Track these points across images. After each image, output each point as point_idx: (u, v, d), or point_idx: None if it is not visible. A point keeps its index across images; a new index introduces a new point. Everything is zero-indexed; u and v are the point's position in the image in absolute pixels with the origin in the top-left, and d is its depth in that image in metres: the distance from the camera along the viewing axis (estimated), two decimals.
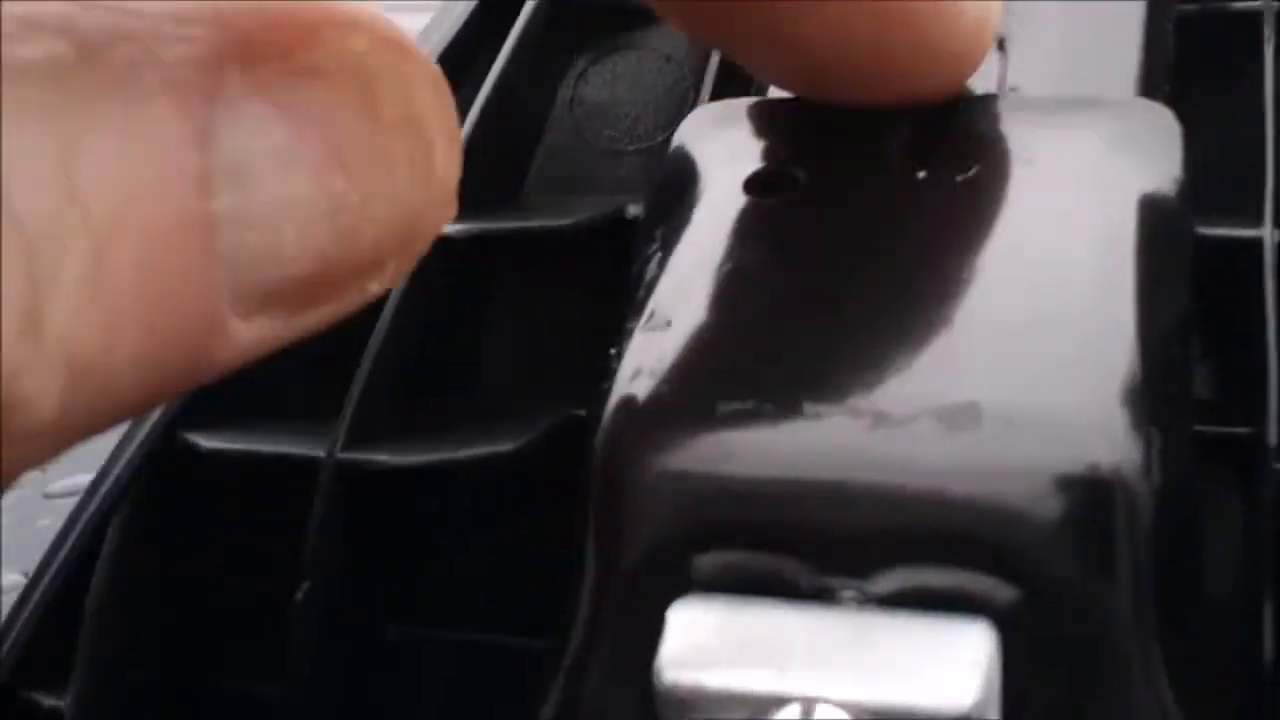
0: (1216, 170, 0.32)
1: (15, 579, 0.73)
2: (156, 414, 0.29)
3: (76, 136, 0.14)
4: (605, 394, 0.22)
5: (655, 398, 0.22)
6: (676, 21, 0.23)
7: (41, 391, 0.14)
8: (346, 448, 0.27)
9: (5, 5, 0.14)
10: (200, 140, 0.15)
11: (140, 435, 0.29)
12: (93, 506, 0.30)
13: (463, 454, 0.27)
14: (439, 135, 0.17)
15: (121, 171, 0.14)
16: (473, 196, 0.31)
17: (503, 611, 0.30)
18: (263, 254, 0.16)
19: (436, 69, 0.17)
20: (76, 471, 0.77)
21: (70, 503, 0.76)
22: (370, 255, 0.17)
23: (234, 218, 0.15)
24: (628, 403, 0.22)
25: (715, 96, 0.33)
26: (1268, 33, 0.31)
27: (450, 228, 0.29)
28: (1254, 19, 0.32)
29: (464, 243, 0.30)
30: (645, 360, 0.22)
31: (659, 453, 0.21)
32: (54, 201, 0.13)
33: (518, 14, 0.33)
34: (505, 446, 0.28)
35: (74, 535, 0.30)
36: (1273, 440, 0.26)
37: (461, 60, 0.33)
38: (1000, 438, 0.20)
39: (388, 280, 0.17)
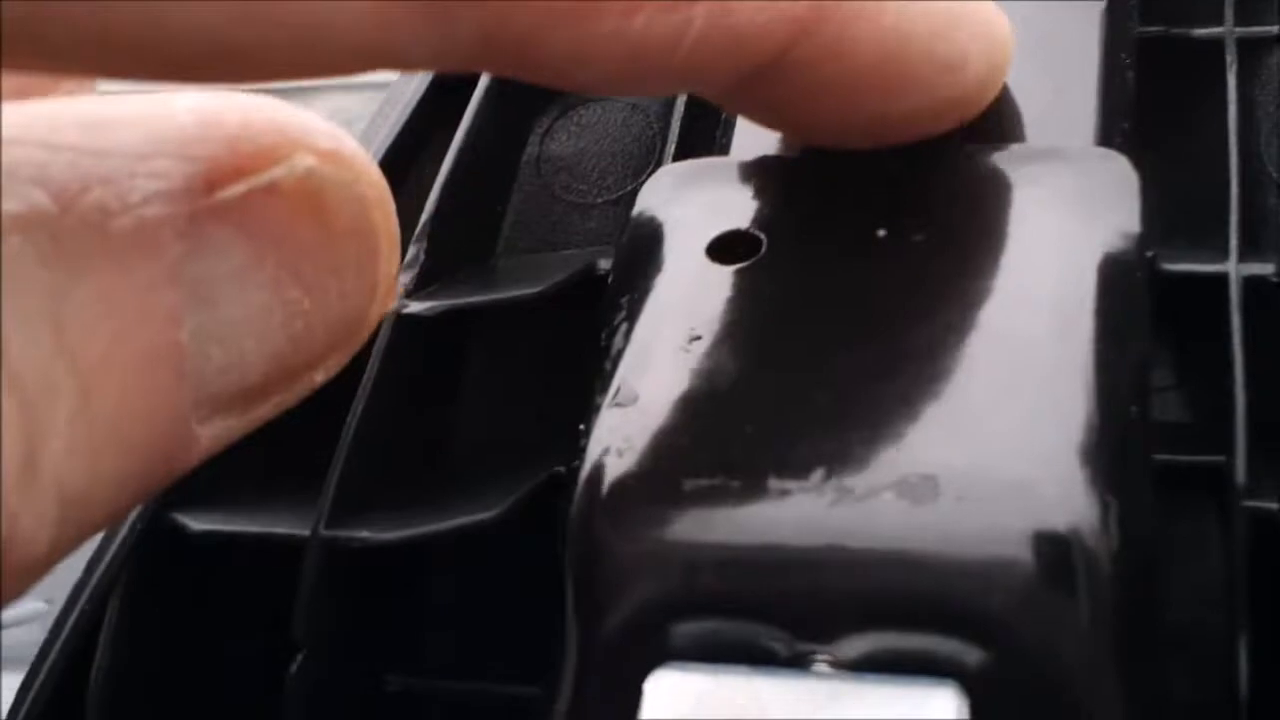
0: (1182, 200, 0.32)
1: (38, 606, 0.74)
2: None
3: (63, 292, 0.14)
4: (576, 472, 0.23)
5: (624, 476, 0.22)
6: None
7: (38, 528, 0.14)
8: (330, 525, 0.28)
9: None
10: (170, 275, 0.15)
11: (131, 516, 0.30)
12: (90, 587, 0.30)
13: (444, 525, 0.28)
14: (383, 237, 0.18)
15: (103, 316, 0.15)
16: (444, 266, 0.32)
17: (498, 662, 0.30)
18: (225, 366, 0.16)
19: (379, 173, 0.18)
20: None
21: None
22: (321, 352, 0.17)
23: (200, 337, 0.16)
24: (597, 482, 0.22)
25: (681, 143, 0.34)
26: (1230, 60, 0.31)
27: (420, 305, 0.30)
28: (1216, 46, 0.32)
29: (434, 320, 0.30)
30: (613, 439, 0.22)
31: (630, 530, 0.22)
32: (46, 355, 0.14)
33: (473, 85, 0.33)
34: (486, 514, 0.28)
35: (73, 616, 0.30)
36: (1240, 478, 0.26)
37: (419, 134, 0.33)
38: (960, 507, 0.20)
39: (332, 370, 0.18)
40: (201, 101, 0.16)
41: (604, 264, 0.31)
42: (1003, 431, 0.21)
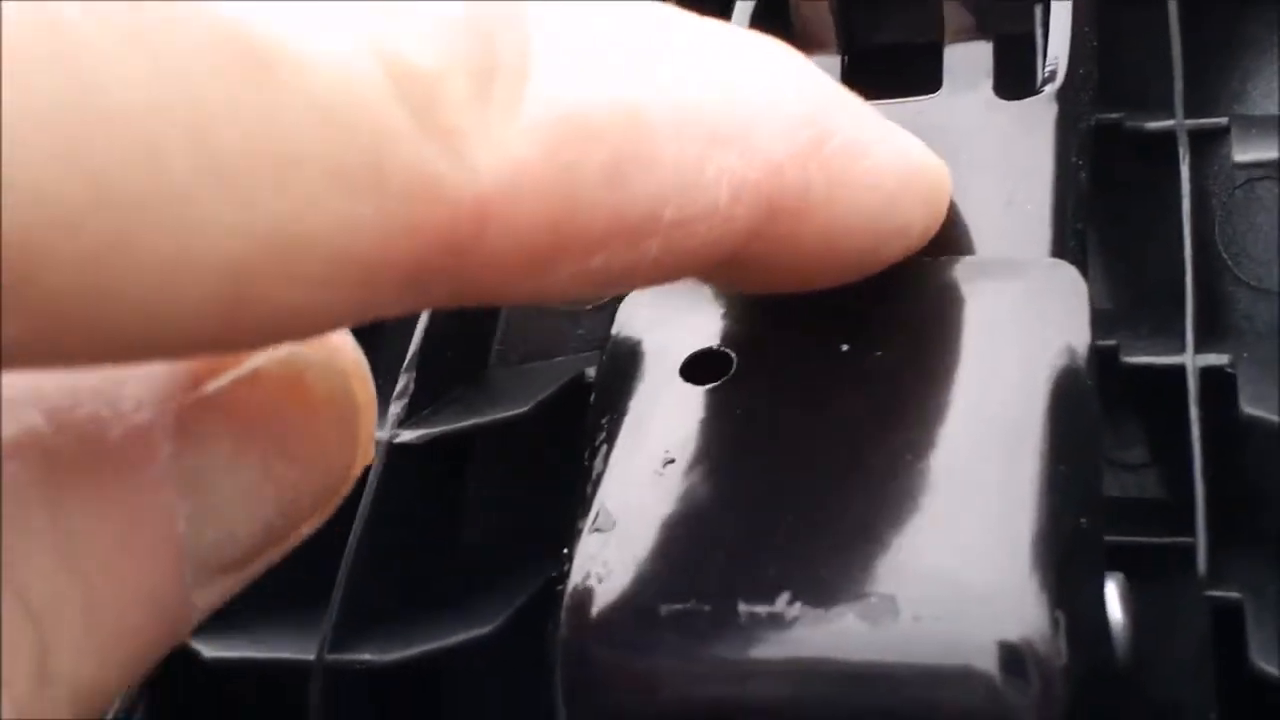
0: (1143, 288, 0.33)
1: None
2: None
3: (61, 507, 0.15)
4: (560, 595, 0.24)
5: (605, 602, 0.23)
6: None
7: None
8: (333, 649, 0.29)
9: None
10: (165, 473, 0.16)
11: None
12: (111, 713, 0.31)
13: (444, 643, 0.29)
14: (362, 405, 0.18)
15: (102, 524, 0.15)
16: (435, 389, 0.33)
17: None
18: (220, 541, 0.17)
19: (354, 344, 0.19)
20: None
21: None
22: (307, 512, 0.18)
23: (194, 522, 0.17)
24: (581, 607, 0.23)
25: None
26: (1182, 151, 0.32)
27: (411, 434, 0.31)
28: (1169, 138, 0.33)
29: (426, 447, 0.31)
30: (593, 564, 0.24)
31: (612, 654, 0.23)
32: (50, 568, 0.15)
33: None
34: (484, 629, 0.29)
35: None
36: (1202, 569, 0.27)
37: None
38: (917, 626, 0.21)
39: (316, 523, 0.19)
40: None
41: (591, 372, 0.32)
42: (957, 549, 0.22)
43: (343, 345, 0.18)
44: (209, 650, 0.30)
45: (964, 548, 0.22)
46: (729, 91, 0.19)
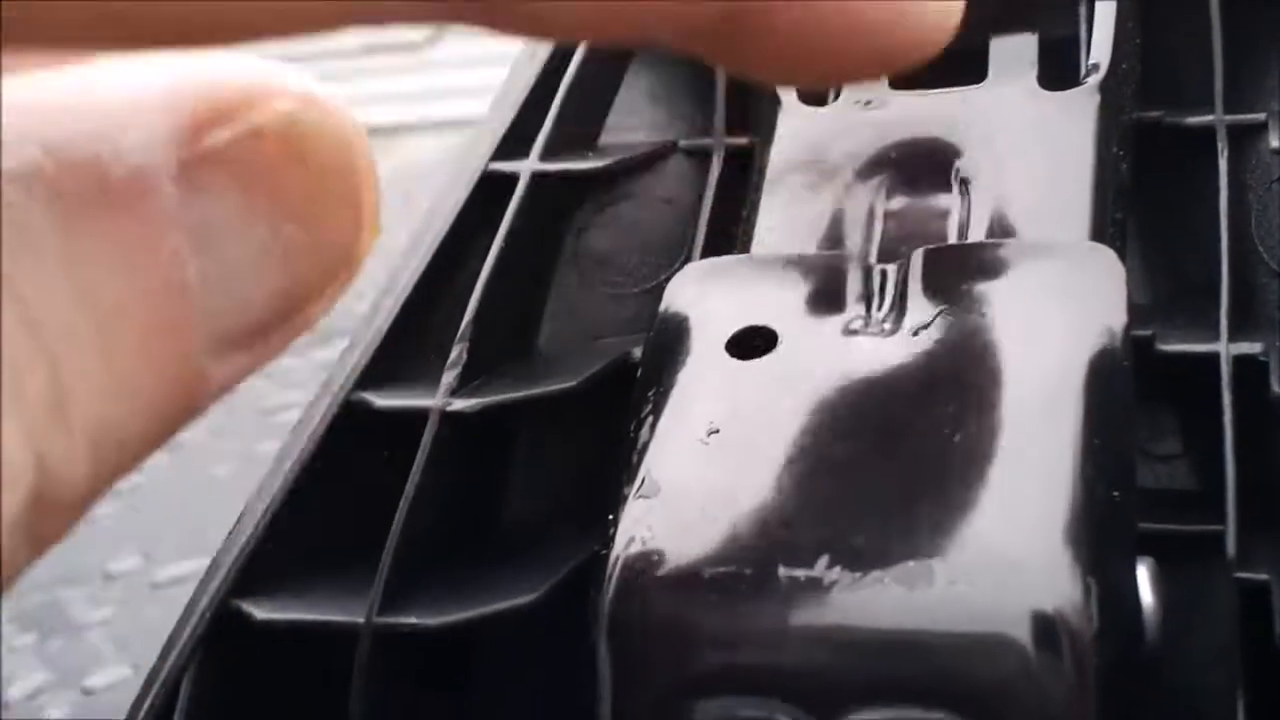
0: (1181, 279, 0.34)
1: (124, 672, 0.76)
2: (214, 584, 0.32)
3: (71, 237, 0.15)
4: (605, 560, 0.24)
5: (649, 566, 0.24)
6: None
7: (71, 467, 0.15)
8: (381, 612, 0.30)
9: None
10: (170, 218, 0.16)
11: (201, 605, 0.32)
12: (165, 670, 0.32)
13: (488, 609, 0.30)
14: (363, 171, 0.19)
15: (112, 258, 0.15)
16: (486, 362, 0.34)
17: None
18: (232, 305, 0.17)
19: (352, 116, 0.19)
20: (180, 560, 0.79)
21: (175, 591, 0.78)
22: (318, 285, 0.19)
23: (206, 278, 0.17)
24: (625, 570, 0.24)
25: (709, 235, 0.36)
26: (1221, 146, 0.33)
27: (463, 403, 0.32)
28: (1208, 133, 0.33)
29: (477, 416, 0.32)
30: (638, 529, 0.24)
31: (655, 616, 0.24)
32: (63, 299, 0.15)
33: (514, 188, 0.35)
34: (527, 598, 0.30)
35: (149, 698, 0.32)
36: (1231, 551, 0.27)
37: (465, 234, 0.35)
38: (952, 591, 0.22)
39: (328, 303, 0.19)
40: (180, 58, 0.17)
41: (637, 353, 0.33)
42: (993, 519, 0.23)
43: (342, 111, 0.19)
44: (260, 613, 0.31)
45: (1000, 517, 0.23)
46: None
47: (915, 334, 0.26)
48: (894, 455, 0.24)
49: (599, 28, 0.18)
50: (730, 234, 0.33)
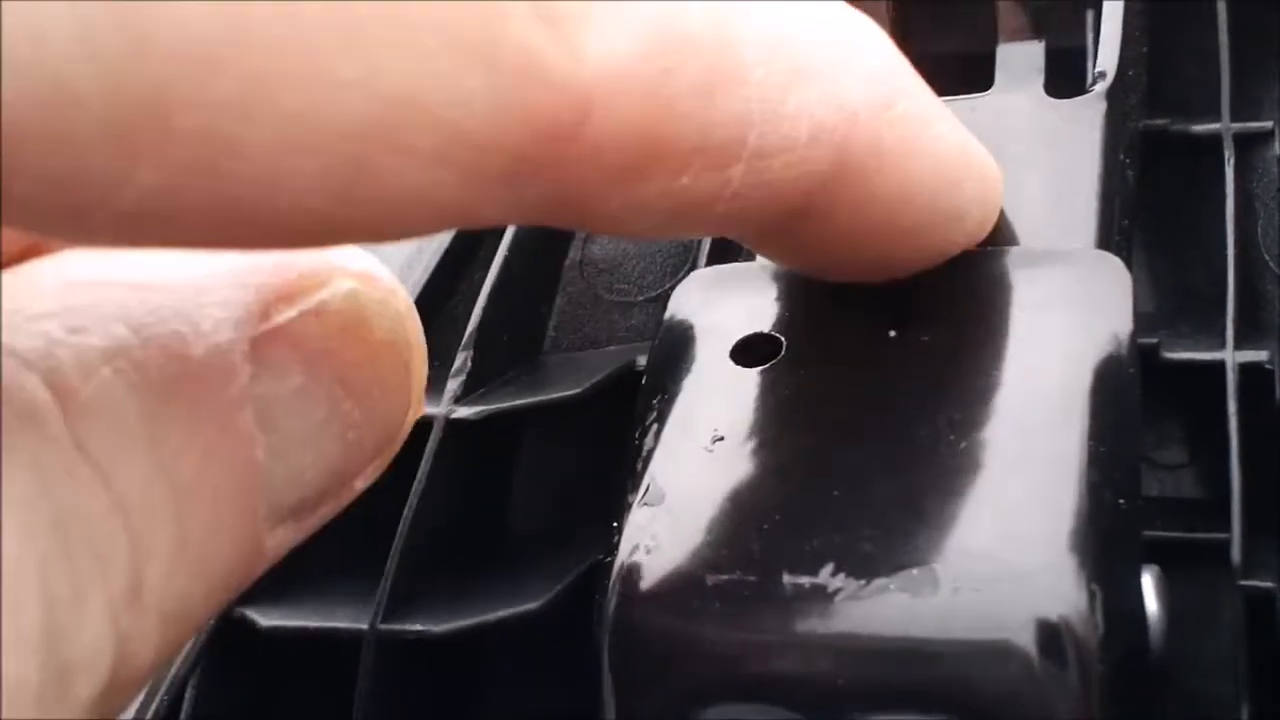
0: (1187, 286, 0.33)
1: None
2: None
3: (153, 416, 0.16)
4: (609, 568, 0.24)
5: (653, 573, 0.24)
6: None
7: (143, 647, 0.15)
8: (385, 620, 0.30)
9: (62, 297, 0.16)
10: (244, 396, 0.17)
11: None
12: (169, 678, 0.32)
13: (493, 616, 0.30)
14: (415, 348, 0.19)
15: (192, 436, 0.16)
16: (491, 369, 0.34)
17: None
18: (290, 479, 0.18)
19: (405, 292, 0.19)
20: None
21: None
22: (368, 460, 0.19)
23: (271, 454, 0.17)
24: (629, 578, 0.24)
25: (714, 243, 0.35)
26: (1227, 154, 0.33)
27: (468, 410, 0.32)
28: (1214, 141, 0.33)
29: (481, 423, 0.32)
30: (642, 536, 0.24)
31: (659, 623, 0.24)
32: (146, 477, 0.15)
33: None
34: (532, 605, 0.30)
35: (154, 704, 0.32)
36: (1237, 558, 0.27)
37: (469, 242, 0.36)
38: (957, 598, 0.22)
39: (371, 476, 0.19)
40: None
41: (642, 360, 0.33)
42: (998, 526, 0.23)
43: (398, 290, 0.19)
44: (265, 619, 0.31)
45: (1005, 524, 0.23)
46: (814, 32, 0.20)
47: (920, 341, 0.26)
48: (898, 462, 0.24)
49: (675, 230, 0.19)
50: (734, 249, 0.33)
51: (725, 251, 0.35)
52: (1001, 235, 0.28)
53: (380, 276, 0.19)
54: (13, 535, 0.14)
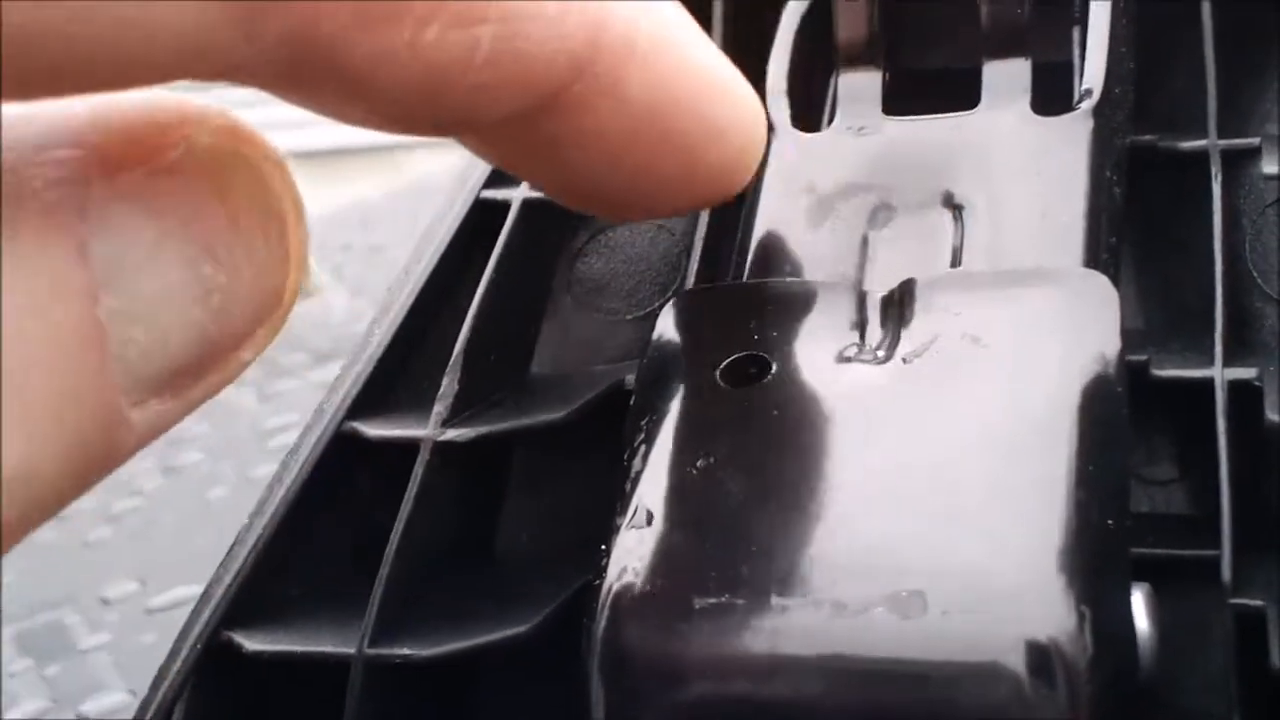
0: (1176, 304, 0.33)
1: (122, 698, 0.76)
2: (206, 614, 0.32)
3: None
4: (597, 591, 0.24)
5: (640, 596, 0.24)
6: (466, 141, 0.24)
7: None
8: (373, 643, 0.29)
9: None
10: (80, 254, 0.16)
11: (192, 635, 0.32)
12: (155, 703, 0.32)
13: (481, 640, 0.29)
14: (289, 209, 0.18)
15: (16, 293, 0.15)
16: (479, 390, 0.33)
17: None
18: (149, 346, 0.17)
19: (279, 152, 0.19)
20: (175, 585, 0.79)
21: (171, 615, 0.78)
22: (244, 328, 0.18)
23: (119, 317, 0.16)
24: (617, 600, 0.24)
25: (704, 261, 0.35)
26: (1214, 170, 0.33)
27: (455, 433, 0.32)
28: (1201, 157, 0.33)
29: (468, 446, 0.32)
30: (630, 559, 0.24)
31: (647, 646, 0.24)
32: None
33: (506, 213, 0.35)
34: (521, 629, 0.30)
35: None
36: (1227, 576, 0.27)
37: (458, 259, 0.35)
38: (945, 621, 0.22)
39: (259, 346, 0.18)
40: (97, 95, 0.17)
41: (630, 380, 0.33)
42: (986, 547, 0.23)
43: (265, 145, 0.18)
44: (251, 643, 0.31)
45: (993, 545, 0.23)
46: None
47: (908, 361, 0.26)
48: (886, 483, 0.24)
49: (427, 109, 0.19)
50: (724, 261, 0.33)
51: (715, 271, 0.35)
52: (997, 244, 0.28)
53: (245, 131, 0.18)
54: None
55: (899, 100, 0.33)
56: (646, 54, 0.21)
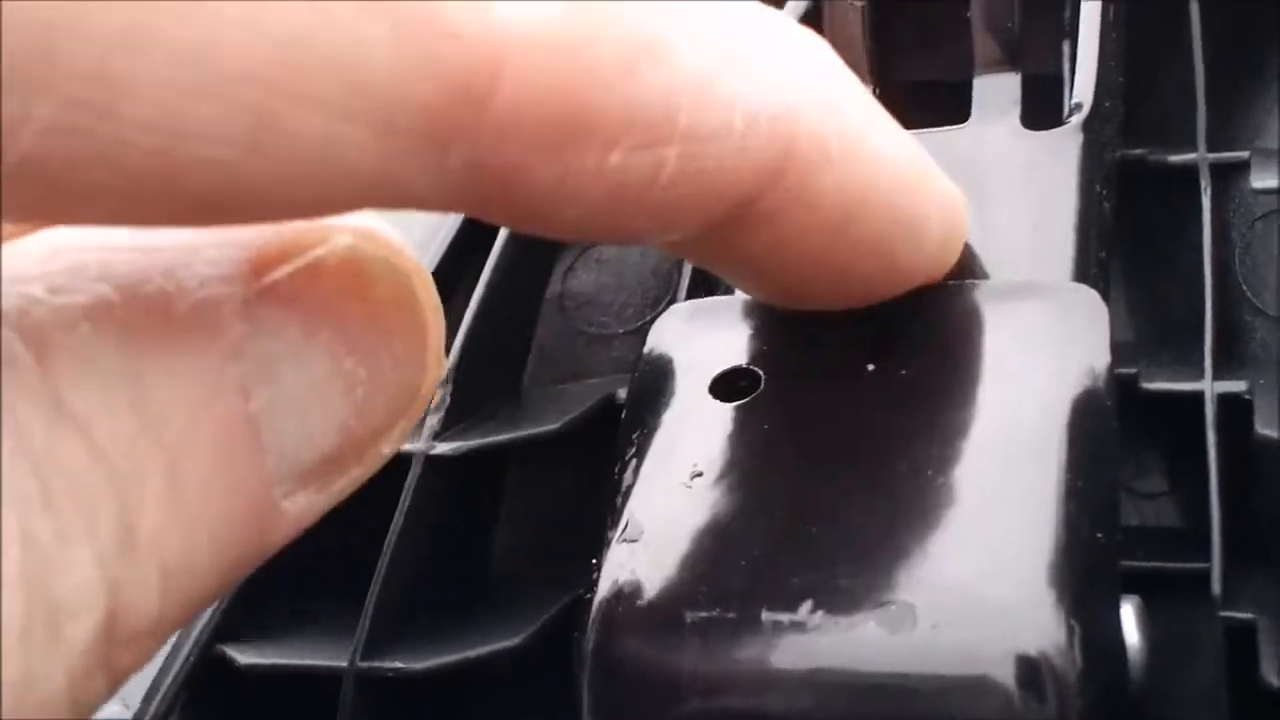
0: (1165, 317, 0.34)
1: (117, 710, 0.76)
2: (198, 628, 0.32)
3: (137, 373, 0.16)
4: (588, 604, 0.24)
5: (631, 610, 0.24)
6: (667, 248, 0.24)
7: (144, 597, 0.15)
8: (365, 657, 0.30)
9: (47, 262, 0.16)
10: (234, 351, 0.17)
11: (184, 649, 0.32)
12: (148, 716, 0.32)
13: (473, 653, 0.29)
14: (427, 306, 0.19)
15: (178, 393, 0.16)
16: (471, 404, 0.33)
17: None
18: (298, 438, 0.17)
19: (411, 252, 0.19)
20: None
21: None
22: (384, 421, 0.19)
23: (270, 411, 0.17)
24: (608, 614, 0.24)
25: (694, 276, 0.35)
26: (1204, 184, 0.33)
27: (447, 446, 0.32)
28: (1191, 171, 0.33)
29: (461, 459, 0.32)
30: (621, 573, 0.24)
31: (639, 660, 0.23)
32: (130, 431, 0.15)
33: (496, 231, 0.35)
34: (512, 641, 0.30)
35: None
36: (1216, 589, 0.27)
37: (449, 276, 0.35)
38: (935, 634, 0.22)
39: (396, 440, 0.19)
40: None
41: (622, 393, 0.33)
42: (976, 561, 0.23)
43: (402, 248, 0.19)
44: (243, 657, 0.31)
45: (983, 559, 0.23)
46: (746, 25, 0.19)
47: (898, 375, 0.26)
48: (877, 497, 0.24)
49: (612, 223, 0.19)
50: (715, 279, 0.33)
51: (706, 285, 0.35)
52: (971, 270, 0.28)
53: (382, 233, 0.18)
54: None
55: (889, 113, 0.33)
56: (838, 160, 0.21)
